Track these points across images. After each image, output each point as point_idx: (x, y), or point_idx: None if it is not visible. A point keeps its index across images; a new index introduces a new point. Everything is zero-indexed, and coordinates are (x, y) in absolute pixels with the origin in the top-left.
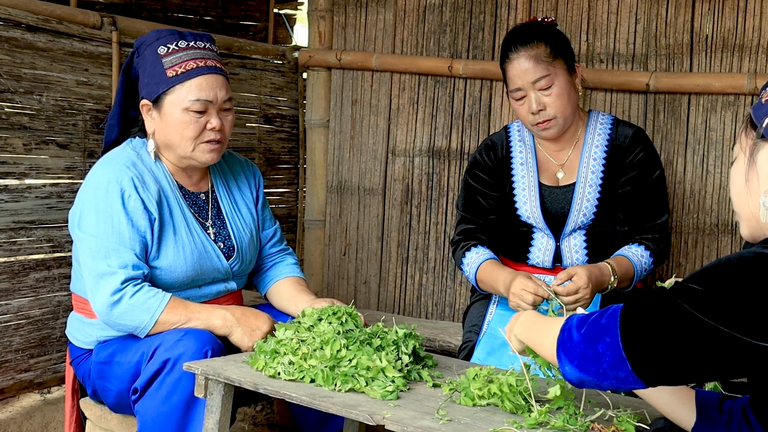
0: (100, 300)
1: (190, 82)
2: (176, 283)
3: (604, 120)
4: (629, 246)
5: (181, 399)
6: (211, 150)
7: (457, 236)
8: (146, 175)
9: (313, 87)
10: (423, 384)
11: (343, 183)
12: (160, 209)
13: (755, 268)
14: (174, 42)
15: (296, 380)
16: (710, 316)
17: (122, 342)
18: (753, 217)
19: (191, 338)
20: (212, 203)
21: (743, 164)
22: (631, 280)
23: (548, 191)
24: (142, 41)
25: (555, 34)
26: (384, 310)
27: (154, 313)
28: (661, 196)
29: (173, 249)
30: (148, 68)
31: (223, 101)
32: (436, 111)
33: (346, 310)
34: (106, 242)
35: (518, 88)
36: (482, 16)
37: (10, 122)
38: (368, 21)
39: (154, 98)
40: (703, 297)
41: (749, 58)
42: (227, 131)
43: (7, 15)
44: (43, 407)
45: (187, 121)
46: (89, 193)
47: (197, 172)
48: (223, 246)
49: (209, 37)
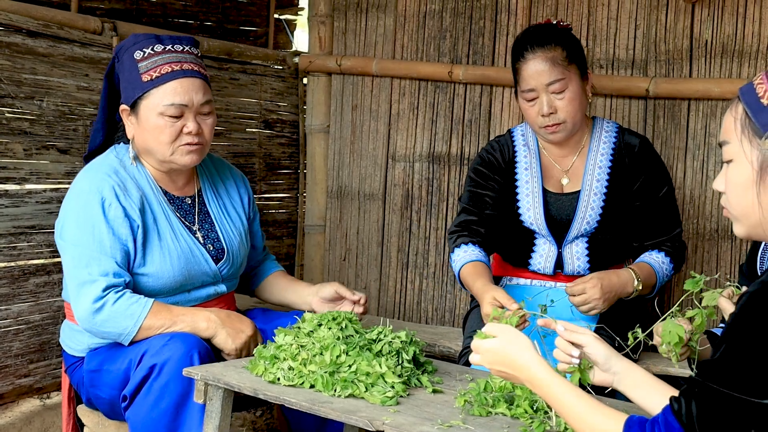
0: (83, 308)
1: (165, 87)
2: (165, 289)
3: (609, 127)
4: (649, 252)
5: (169, 404)
6: (191, 151)
7: (455, 227)
8: (128, 182)
9: (313, 92)
10: (423, 390)
11: (344, 188)
12: (143, 216)
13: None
14: (150, 46)
15: (296, 386)
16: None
17: (111, 350)
18: (758, 224)
19: (177, 342)
20: (199, 207)
21: (749, 173)
22: (653, 287)
23: (553, 198)
24: (120, 46)
25: (571, 39)
26: (384, 315)
27: (137, 319)
28: (673, 210)
29: (159, 255)
30: (125, 73)
31: (201, 104)
32: (436, 116)
33: (346, 316)
34: (87, 251)
35: (531, 89)
36: (482, 21)
37: (11, 127)
38: (368, 26)
39: (131, 103)
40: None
41: (749, 63)
42: (207, 134)
43: (7, 20)
44: (43, 412)
45: (162, 126)
46: (71, 203)
47: (182, 176)
48: (213, 249)
49: (190, 40)
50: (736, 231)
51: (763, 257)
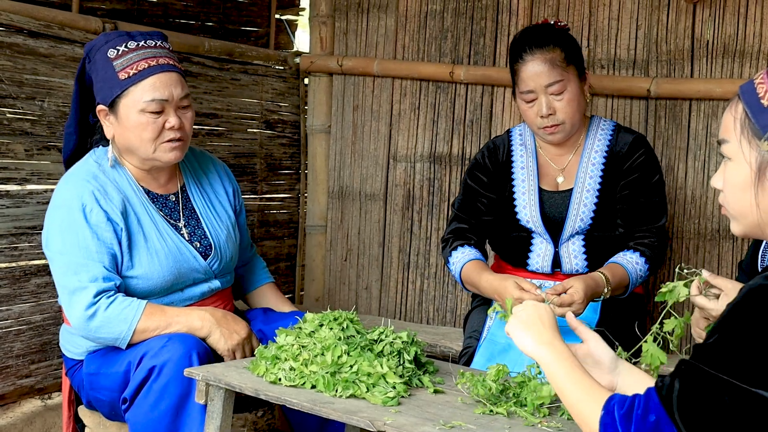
0: (76, 315)
1: (144, 83)
2: (156, 290)
3: (606, 126)
4: (624, 253)
5: (169, 405)
6: (173, 148)
7: (447, 234)
8: (108, 185)
9: (314, 92)
10: (424, 390)
11: (345, 188)
12: (126, 218)
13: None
14: (123, 43)
15: (297, 386)
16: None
17: (109, 353)
18: (756, 224)
19: (176, 343)
20: (184, 203)
21: (748, 174)
22: (626, 288)
23: (547, 196)
24: (91, 46)
25: (569, 39)
26: (385, 315)
27: (131, 322)
28: (660, 200)
29: (146, 256)
30: (100, 73)
31: (180, 98)
32: (438, 116)
33: (347, 316)
34: (74, 258)
35: (530, 90)
36: (483, 22)
37: (12, 128)
38: (370, 27)
39: (109, 102)
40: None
41: (750, 64)
42: (188, 128)
43: (9, 21)
44: (44, 413)
45: (144, 123)
46: (53, 213)
47: (164, 173)
48: (200, 245)
49: (160, 35)
50: (734, 229)
51: (764, 255)
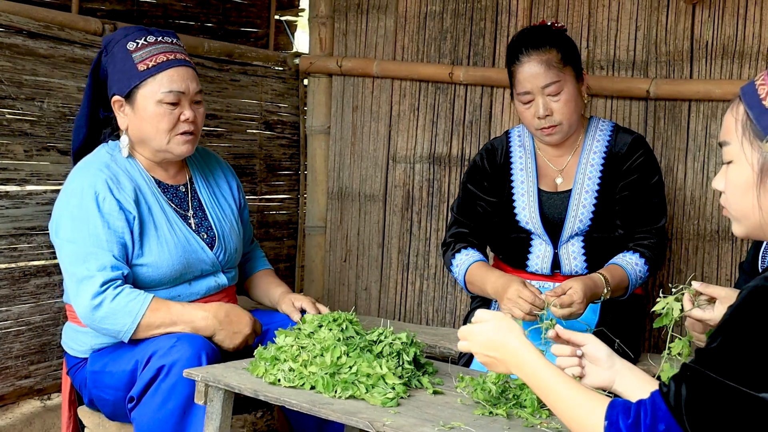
0: (82, 304)
1: (162, 75)
2: (165, 279)
3: (604, 126)
4: (623, 254)
5: (176, 405)
6: (186, 141)
7: (448, 238)
8: (121, 175)
9: (313, 93)
10: (423, 391)
11: (344, 189)
12: (138, 207)
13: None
14: (142, 37)
15: (296, 387)
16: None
17: (115, 351)
18: (758, 226)
19: (185, 344)
20: (192, 194)
21: (750, 175)
22: (625, 289)
23: (546, 197)
24: (110, 39)
25: (566, 40)
26: (385, 316)
27: (135, 315)
28: (660, 201)
29: (156, 245)
30: (117, 65)
31: (195, 93)
32: (437, 117)
33: (346, 317)
34: (84, 246)
35: (527, 92)
36: (483, 22)
37: (11, 128)
38: (369, 28)
39: (126, 93)
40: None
41: (749, 65)
42: (200, 123)
43: (8, 22)
44: (43, 414)
45: (161, 114)
46: (64, 201)
47: (173, 165)
48: (206, 236)
49: (174, 33)
50: (735, 230)
51: (764, 256)
